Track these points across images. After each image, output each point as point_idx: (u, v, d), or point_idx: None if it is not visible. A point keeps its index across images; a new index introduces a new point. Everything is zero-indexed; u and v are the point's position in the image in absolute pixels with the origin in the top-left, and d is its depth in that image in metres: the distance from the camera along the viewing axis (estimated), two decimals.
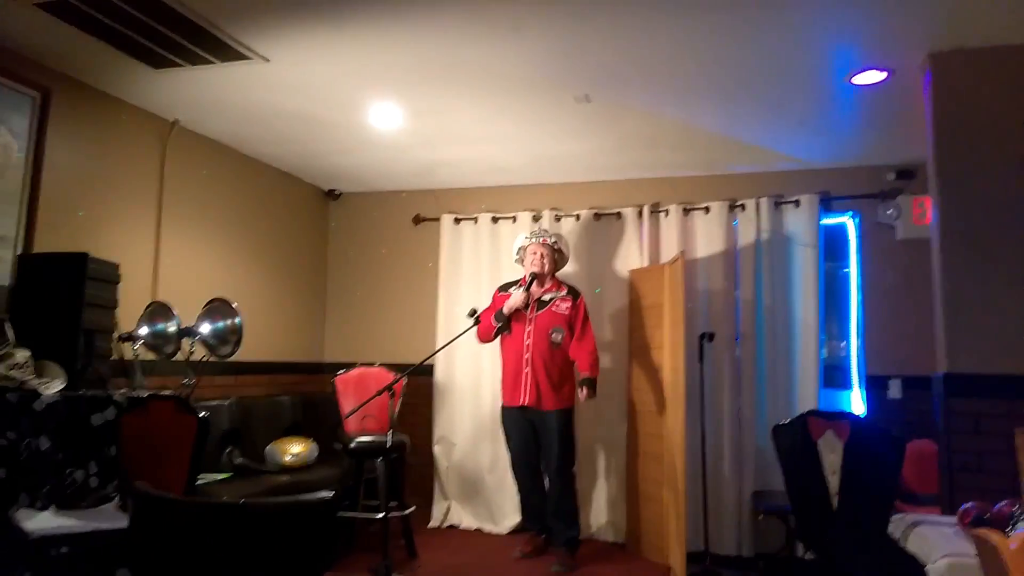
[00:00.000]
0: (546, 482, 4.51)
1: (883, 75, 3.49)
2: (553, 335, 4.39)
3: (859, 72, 3.47)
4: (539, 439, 4.42)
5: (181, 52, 3.38)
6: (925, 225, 4.42)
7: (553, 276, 4.58)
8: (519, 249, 4.65)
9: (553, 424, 4.34)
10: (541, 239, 4.54)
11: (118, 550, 2.40)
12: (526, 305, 4.44)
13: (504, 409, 4.54)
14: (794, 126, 4.24)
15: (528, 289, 4.44)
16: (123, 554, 2.38)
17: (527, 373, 4.38)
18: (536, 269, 4.47)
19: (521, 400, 4.38)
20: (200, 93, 3.94)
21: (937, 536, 2.32)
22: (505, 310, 4.45)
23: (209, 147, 4.71)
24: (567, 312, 4.44)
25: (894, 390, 4.70)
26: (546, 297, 4.49)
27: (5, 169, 3.35)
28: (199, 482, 3.37)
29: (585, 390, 4.31)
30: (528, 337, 4.41)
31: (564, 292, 4.51)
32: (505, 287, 4.65)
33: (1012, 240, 3.13)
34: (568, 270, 4.99)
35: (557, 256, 4.59)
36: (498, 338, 4.57)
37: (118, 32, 3.19)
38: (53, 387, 2.79)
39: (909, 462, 3.45)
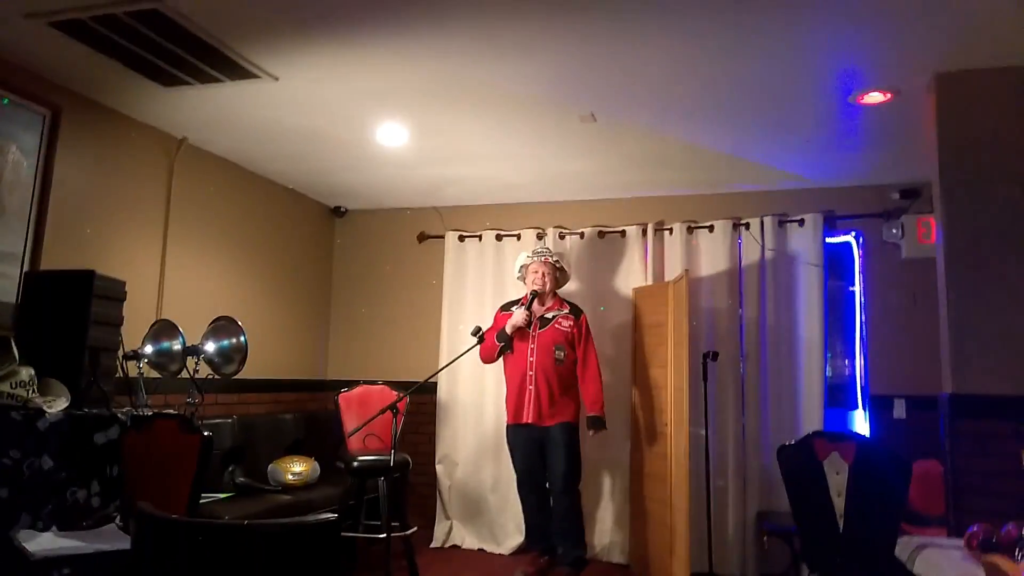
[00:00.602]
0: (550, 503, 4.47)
1: (888, 95, 3.50)
2: (556, 352, 4.41)
3: (864, 92, 3.49)
4: (544, 456, 4.41)
5: (190, 70, 3.41)
6: (929, 244, 4.43)
7: (555, 294, 4.61)
8: (521, 267, 4.68)
9: (558, 439, 4.33)
10: (543, 258, 4.57)
11: (120, 572, 2.39)
12: (528, 323, 4.45)
13: (509, 427, 4.53)
14: (799, 145, 4.26)
15: (530, 307, 4.46)
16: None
17: (531, 391, 4.39)
18: (537, 287, 4.50)
19: (525, 417, 4.39)
20: (209, 111, 3.97)
21: (944, 559, 2.30)
22: (508, 329, 4.46)
23: (216, 164, 4.73)
24: (569, 330, 4.47)
25: (898, 410, 4.68)
26: (548, 315, 4.51)
27: (14, 187, 3.37)
28: (201, 501, 3.35)
29: (592, 432, 4.38)
30: (532, 355, 4.43)
31: (566, 310, 4.54)
32: (507, 306, 4.67)
33: (1018, 259, 3.13)
34: (571, 288, 5.00)
35: (559, 274, 4.62)
36: (501, 357, 4.58)
37: (128, 51, 3.22)
38: (57, 405, 2.78)
39: (915, 483, 3.41)
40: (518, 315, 4.45)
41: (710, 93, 3.57)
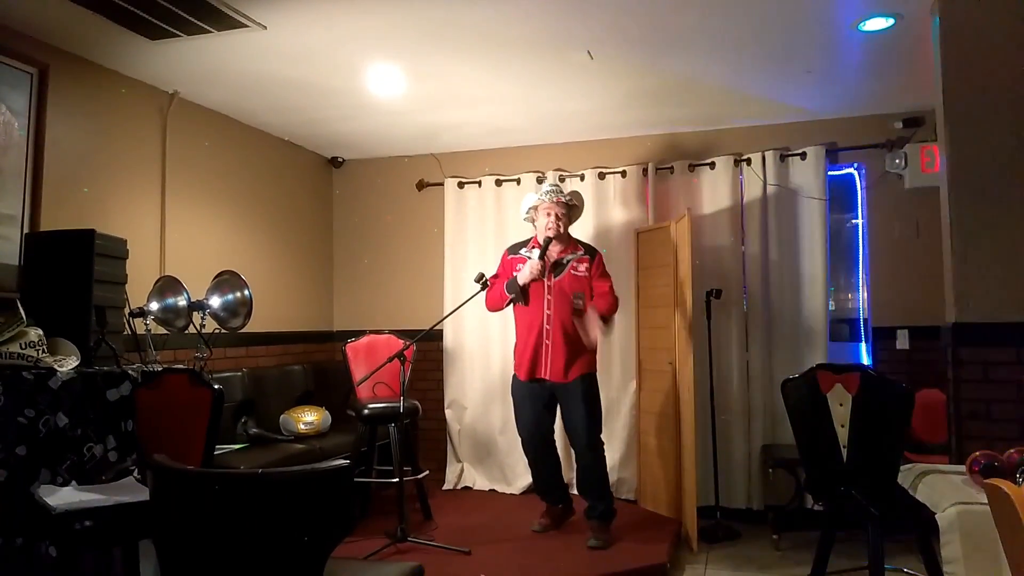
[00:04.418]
0: (558, 454, 4.31)
1: (890, 21, 3.42)
2: (575, 301, 4.02)
3: (866, 18, 3.41)
4: (561, 412, 4.12)
5: (177, 22, 3.34)
6: (933, 173, 4.38)
7: (568, 235, 4.19)
8: (529, 208, 4.21)
9: (579, 394, 3.99)
10: (554, 197, 4.08)
11: (140, 522, 2.45)
12: (543, 274, 4.03)
13: (518, 382, 4.16)
14: (800, 76, 4.18)
15: (543, 256, 4.02)
16: (145, 526, 2.42)
17: (548, 345, 3.99)
18: (551, 233, 4.04)
19: (542, 373, 4.01)
20: (198, 64, 3.90)
21: (946, 484, 2.34)
22: (521, 280, 4.03)
23: (210, 118, 4.68)
24: (585, 273, 4.08)
25: (901, 341, 4.72)
26: (563, 260, 4.09)
27: (7, 148, 3.34)
28: (216, 453, 3.42)
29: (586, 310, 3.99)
30: (548, 307, 4.01)
31: (581, 252, 4.14)
32: (515, 248, 4.25)
33: (1022, 185, 3.10)
34: (573, 230, 4.96)
35: (571, 212, 4.18)
36: (510, 307, 4.19)
37: (113, 4, 3.15)
38: (68, 364, 2.81)
39: (917, 411, 3.45)
40: (532, 266, 4.00)
41: (708, 25, 3.48)
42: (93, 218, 3.71)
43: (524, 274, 4.04)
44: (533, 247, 4.12)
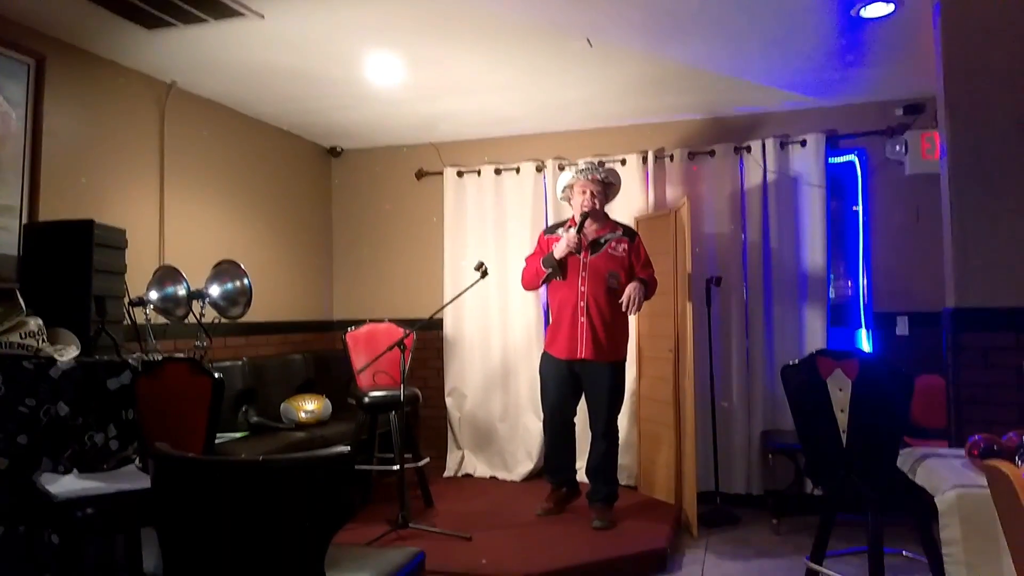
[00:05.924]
0: (574, 435, 4.33)
1: (891, 7, 3.41)
2: (609, 280, 4.06)
3: (867, 4, 3.39)
4: (585, 393, 4.16)
5: (174, 11, 3.32)
6: (933, 160, 4.37)
7: (605, 214, 4.23)
8: (565, 188, 4.25)
9: (606, 380, 4.06)
10: (590, 175, 4.12)
11: (142, 510, 2.46)
12: (579, 248, 4.07)
13: (550, 359, 4.19)
14: (800, 63, 4.16)
15: (580, 230, 4.05)
16: (147, 513, 2.43)
17: (583, 323, 4.03)
18: (587, 208, 4.09)
19: (579, 353, 4.04)
20: (196, 53, 3.88)
21: (945, 468, 2.34)
22: (556, 254, 4.06)
23: (208, 108, 4.66)
24: (623, 255, 4.10)
25: (901, 327, 4.72)
26: (601, 239, 4.13)
27: (5, 139, 3.33)
28: (217, 441, 3.43)
29: (635, 284, 4.02)
30: (583, 284, 4.06)
31: (620, 232, 4.17)
32: (552, 229, 4.31)
33: (1021, 172, 3.09)
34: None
35: (608, 190, 4.22)
36: (544, 286, 4.26)
37: None
38: (68, 354, 2.81)
39: (917, 397, 3.46)
40: (569, 238, 4.03)
41: (708, 11, 3.47)
42: (92, 208, 3.71)
43: (560, 247, 4.07)
44: (570, 226, 4.15)
